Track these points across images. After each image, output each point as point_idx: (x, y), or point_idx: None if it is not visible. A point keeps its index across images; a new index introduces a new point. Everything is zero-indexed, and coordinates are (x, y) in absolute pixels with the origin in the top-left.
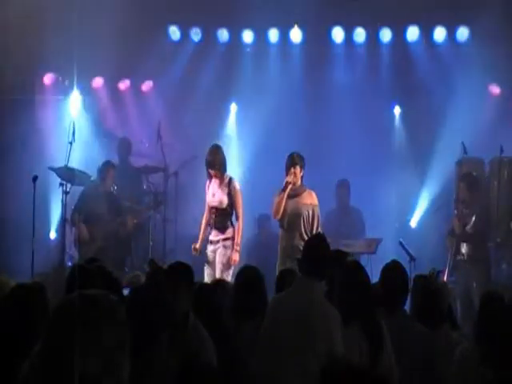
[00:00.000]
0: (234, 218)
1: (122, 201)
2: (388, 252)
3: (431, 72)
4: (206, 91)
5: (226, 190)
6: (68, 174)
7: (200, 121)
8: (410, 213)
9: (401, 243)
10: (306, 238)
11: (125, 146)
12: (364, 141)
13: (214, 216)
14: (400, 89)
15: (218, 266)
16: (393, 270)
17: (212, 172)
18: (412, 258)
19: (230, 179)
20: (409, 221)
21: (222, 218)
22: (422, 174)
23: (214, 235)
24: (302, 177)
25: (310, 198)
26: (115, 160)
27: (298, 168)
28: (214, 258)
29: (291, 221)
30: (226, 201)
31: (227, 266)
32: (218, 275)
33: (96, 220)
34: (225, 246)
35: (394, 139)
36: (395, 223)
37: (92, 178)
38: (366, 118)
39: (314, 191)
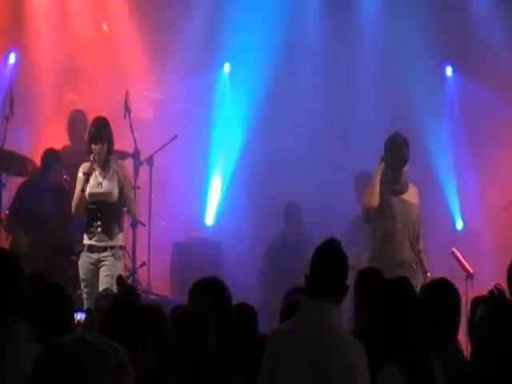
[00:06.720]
0: None
1: None
2: (432, 266)
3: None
4: (191, 48)
5: None
6: (3, 160)
7: (184, 88)
8: (463, 213)
9: (454, 254)
10: (414, 250)
11: (79, 123)
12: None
13: None
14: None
15: None
16: (441, 291)
17: None
18: (469, 275)
19: None
20: (461, 224)
21: None
22: (478, 160)
23: None
24: None
25: (414, 196)
26: (67, 141)
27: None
28: None
29: (398, 225)
30: None
31: None
32: None
33: (39, 225)
34: None
35: (442, 112)
36: (443, 228)
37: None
38: (406, 83)
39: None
